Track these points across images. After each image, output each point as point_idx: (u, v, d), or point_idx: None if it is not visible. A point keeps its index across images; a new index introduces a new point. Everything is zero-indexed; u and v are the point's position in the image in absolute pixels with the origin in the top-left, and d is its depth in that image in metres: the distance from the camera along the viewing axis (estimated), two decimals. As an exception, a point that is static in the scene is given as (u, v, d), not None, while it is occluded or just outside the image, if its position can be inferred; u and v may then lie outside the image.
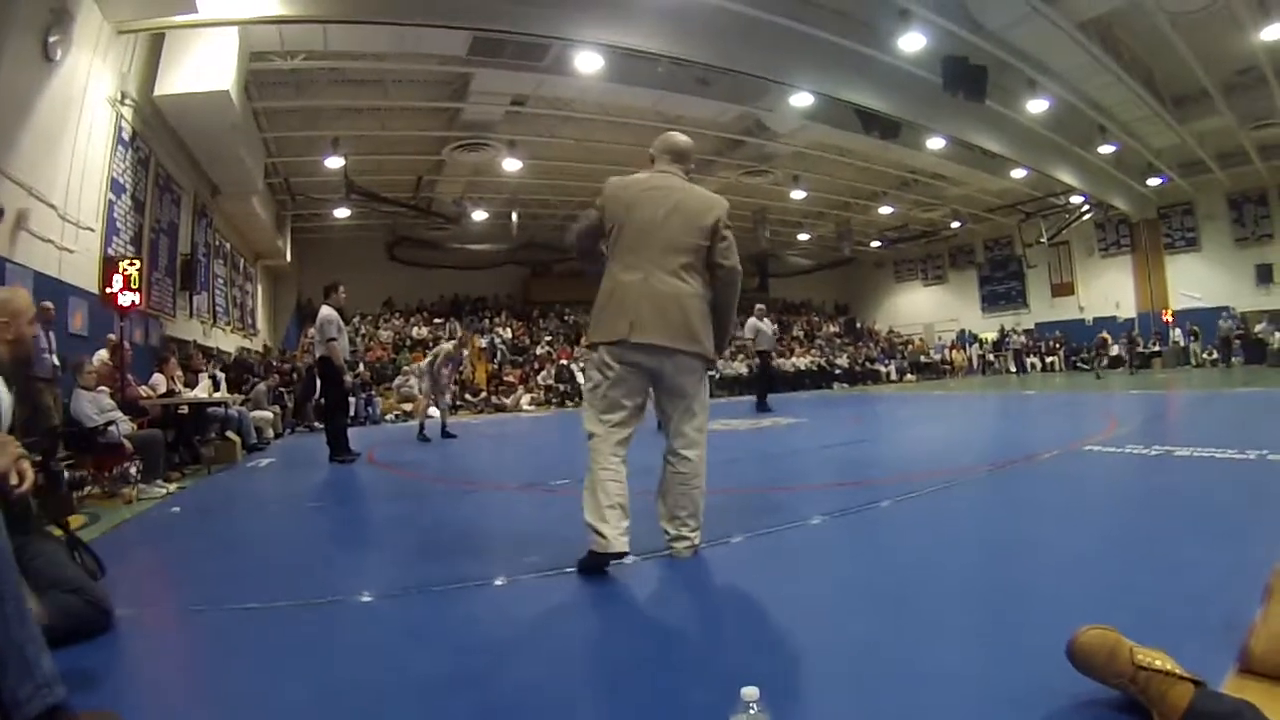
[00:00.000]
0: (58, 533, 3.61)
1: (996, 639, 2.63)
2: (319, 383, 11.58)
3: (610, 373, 3.85)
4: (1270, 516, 3.96)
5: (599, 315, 3.95)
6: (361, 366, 23.48)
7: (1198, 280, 29.55)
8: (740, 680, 1.73)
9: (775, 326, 15.72)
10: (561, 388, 25.51)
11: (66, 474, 5.50)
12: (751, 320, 15.96)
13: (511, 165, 22.93)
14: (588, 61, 16.18)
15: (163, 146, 14.76)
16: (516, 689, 2.44)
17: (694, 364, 3.93)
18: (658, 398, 4.02)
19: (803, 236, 35.61)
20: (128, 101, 12.66)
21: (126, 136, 12.84)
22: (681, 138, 4.29)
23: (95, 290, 11.27)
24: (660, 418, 4.10)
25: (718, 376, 12.49)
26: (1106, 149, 23.90)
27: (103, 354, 9.73)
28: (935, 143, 22.79)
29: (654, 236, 3.89)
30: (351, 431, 10.84)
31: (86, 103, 11.34)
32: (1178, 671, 1.86)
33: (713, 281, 4.03)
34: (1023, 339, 33.41)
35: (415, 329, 28.99)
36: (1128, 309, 31.85)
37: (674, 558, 3.86)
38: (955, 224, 34.27)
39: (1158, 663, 1.89)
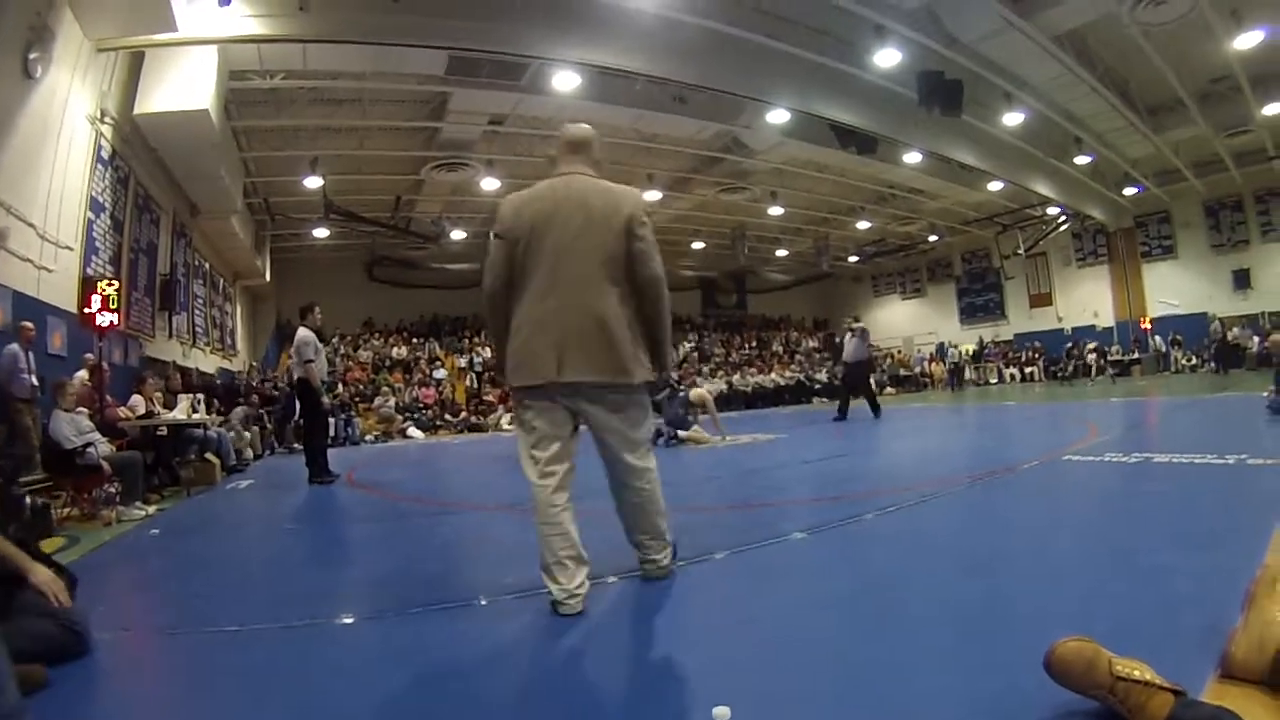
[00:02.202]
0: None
1: (975, 650, 2.63)
2: (298, 404, 11.51)
3: (539, 421, 3.51)
4: (1249, 521, 3.97)
5: (516, 354, 3.52)
6: (340, 388, 23.40)
7: (1175, 287, 29.94)
8: (716, 699, 1.73)
9: (859, 340, 15.90)
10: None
11: (29, 500, 5.44)
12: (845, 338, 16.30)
13: (490, 184, 22.91)
14: (565, 80, 16.21)
15: (142, 165, 14.71)
16: (494, 711, 2.42)
17: (629, 398, 3.60)
18: (591, 431, 3.64)
19: (781, 252, 35.78)
20: (107, 120, 12.63)
21: (106, 155, 12.79)
22: (579, 127, 3.85)
23: (74, 310, 11.22)
24: (597, 448, 3.69)
25: (684, 393, 12.33)
26: (1082, 160, 24.20)
27: (82, 375, 9.66)
28: (912, 157, 23.03)
29: (569, 256, 3.48)
30: (331, 453, 10.79)
31: (66, 121, 11.30)
32: (1157, 681, 1.87)
33: (635, 293, 3.60)
34: (955, 354, 33.59)
35: (395, 349, 28.91)
36: (1106, 318, 32.14)
37: (646, 578, 3.77)
38: (933, 237, 34.48)
39: (1136, 673, 1.89)
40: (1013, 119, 19.88)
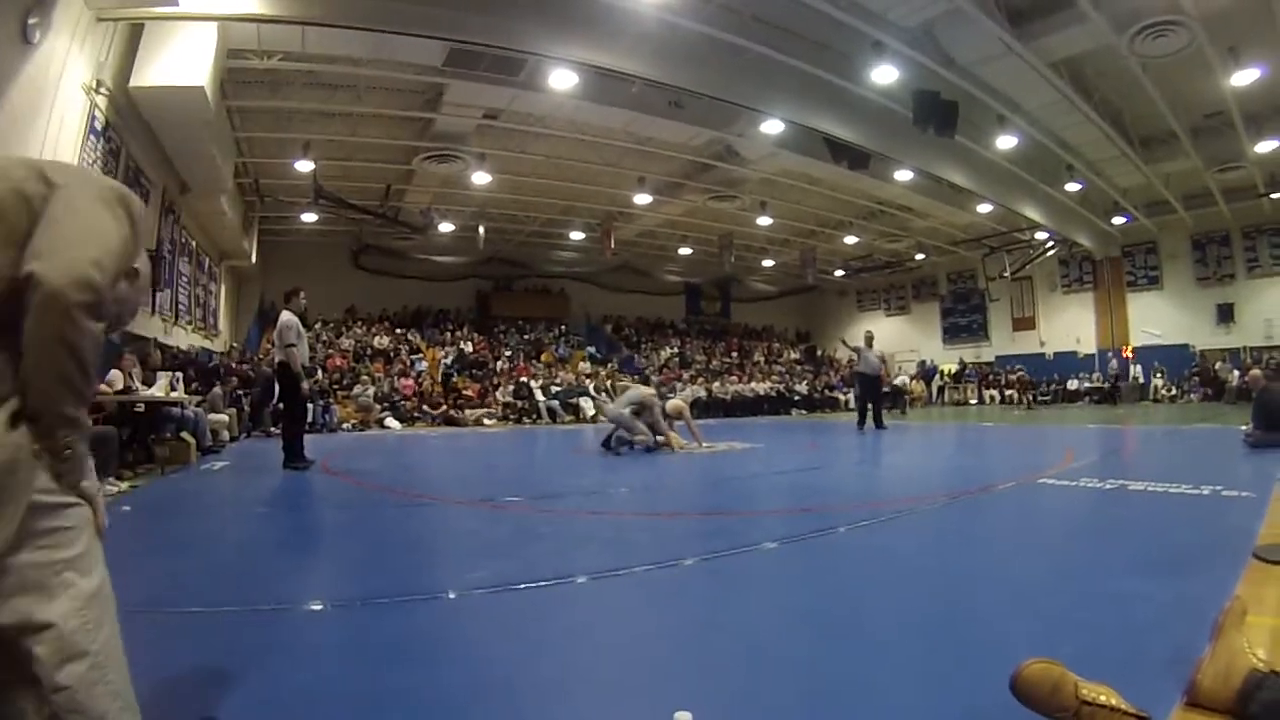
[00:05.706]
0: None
1: (941, 669, 2.62)
2: (277, 388, 11.42)
3: None
4: (1221, 552, 3.98)
5: None
6: (320, 374, 23.25)
7: (1159, 318, 30.15)
8: (679, 703, 1.72)
9: (879, 353, 16.62)
10: (520, 404, 25.45)
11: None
12: (859, 345, 16.91)
13: (481, 179, 22.85)
14: (562, 79, 16.18)
15: (135, 139, 14.54)
16: (451, 707, 2.41)
17: None
18: None
19: (767, 263, 35.89)
20: (103, 90, 12.46)
21: (99, 126, 12.63)
22: None
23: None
24: None
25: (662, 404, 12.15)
26: (1073, 187, 24.29)
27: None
28: (903, 175, 23.14)
29: None
30: (307, 439, 10.71)
31: (61, 89, 11.13)
32: (1123, 707, 1.87)
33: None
34: (896, 373, 33.59)
35: (377, 338, 28.79)
36: (1088, 344, 32.34)
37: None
38: (919, 256, 34.72)
39: (1102, 698, 1.89)
40: (1005, 142, 20.02)
